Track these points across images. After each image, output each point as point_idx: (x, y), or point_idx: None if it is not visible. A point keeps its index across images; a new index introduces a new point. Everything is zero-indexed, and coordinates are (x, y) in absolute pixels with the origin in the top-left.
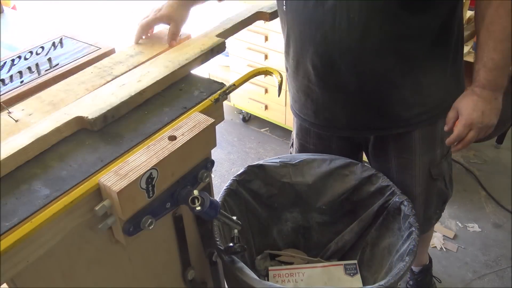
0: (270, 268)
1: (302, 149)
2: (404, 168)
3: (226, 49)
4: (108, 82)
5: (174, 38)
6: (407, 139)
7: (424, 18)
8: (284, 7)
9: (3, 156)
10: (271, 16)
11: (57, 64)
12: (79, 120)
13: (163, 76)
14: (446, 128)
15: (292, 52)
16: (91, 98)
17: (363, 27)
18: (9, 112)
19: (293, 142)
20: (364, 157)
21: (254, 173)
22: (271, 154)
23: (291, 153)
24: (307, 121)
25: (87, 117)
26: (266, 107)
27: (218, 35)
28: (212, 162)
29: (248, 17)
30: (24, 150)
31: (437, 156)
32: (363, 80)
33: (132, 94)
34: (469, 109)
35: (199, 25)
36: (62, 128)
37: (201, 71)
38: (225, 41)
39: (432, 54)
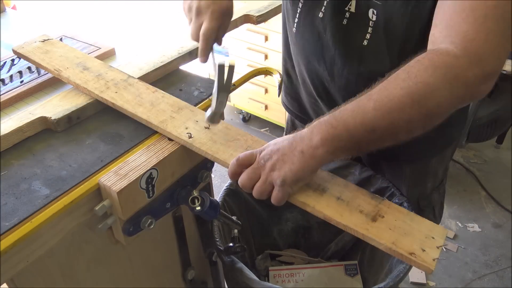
0: (270, 268)
1: None
2: None
3: (226, 49)
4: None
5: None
6: (398, 170)
7: None
8: (294, 28)
9: None
10: (258, 19)
11: None
12: (42, 120)
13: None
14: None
15: (297, 69)
16: (59, 99)
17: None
18: None
19: None
20: None
21: None
22: None
23: None
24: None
25: (51, 117)
26: (266, 107)
27: None
28: (212, 162)
29: (234, 20)
30: None
31: (428, 188)
32: None
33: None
34: (271, 144)
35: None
36: (25, 127)
37: (201, 71)
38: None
39: None
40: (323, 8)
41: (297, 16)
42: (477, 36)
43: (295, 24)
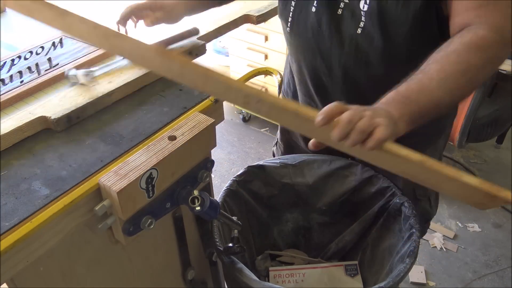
0: (270, 268)
1: (288, 146)
2: None
3: (226, 49)
4: None
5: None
6: None
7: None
8: (288, 28)
9: None
10: (258, 19)
11: (57, 64)
12: (42, 120)
13: (134, 78)
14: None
15: (294, 68)
16: (59, 98)
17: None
18: None
19: (277, 141)
20: None
21: (254, 173)
22: (271, 155)
23: (273, 153)
24: None
25: (50, 117)
26: None
27: (199, 38)
28: (212, 162)
29: (234, 20)
30: None
31: None
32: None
33: (99, 95)
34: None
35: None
36: (25, 127)
37: None
38: (207, 43)
39: None
40: (315, 2)
41: (290, 16)
42: (505, 23)
43: (289, 23)
